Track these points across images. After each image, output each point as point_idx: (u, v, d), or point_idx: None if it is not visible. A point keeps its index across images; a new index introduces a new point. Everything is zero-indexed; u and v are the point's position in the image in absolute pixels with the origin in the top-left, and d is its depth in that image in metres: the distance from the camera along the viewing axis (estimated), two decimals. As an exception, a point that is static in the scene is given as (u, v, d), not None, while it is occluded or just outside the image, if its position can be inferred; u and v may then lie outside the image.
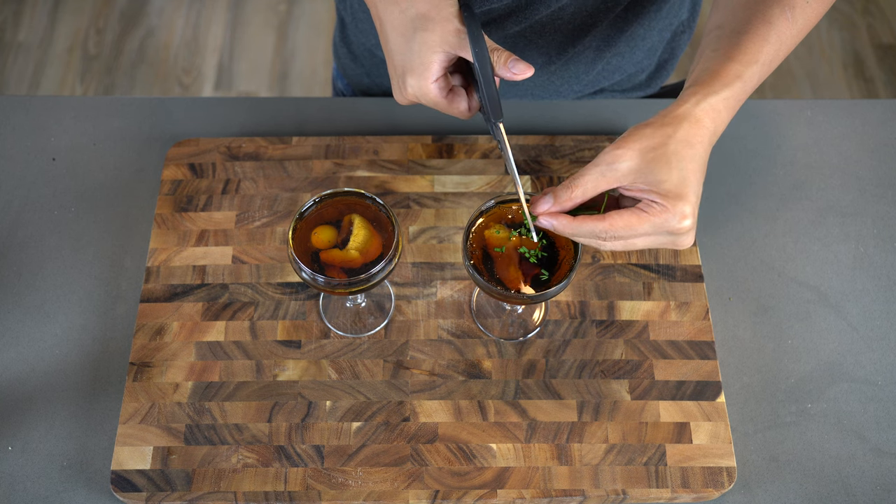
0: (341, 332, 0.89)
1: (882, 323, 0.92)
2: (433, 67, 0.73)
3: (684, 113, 0.71)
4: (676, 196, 0.69)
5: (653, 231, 0.70)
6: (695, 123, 0.71)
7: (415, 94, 0.75)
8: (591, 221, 0.70)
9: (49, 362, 0.88)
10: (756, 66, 0.75)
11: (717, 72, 0.74)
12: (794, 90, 2.26)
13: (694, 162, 0.70)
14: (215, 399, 0.85)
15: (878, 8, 2.41)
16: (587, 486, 0.81)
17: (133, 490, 0.80)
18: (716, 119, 0.72)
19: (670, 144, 0.70)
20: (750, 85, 0.75)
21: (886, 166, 1.02)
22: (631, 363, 0.87)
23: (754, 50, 0.75)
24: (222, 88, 2.28)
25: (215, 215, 0.95)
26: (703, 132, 0.71)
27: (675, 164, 0.69)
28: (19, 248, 0.95)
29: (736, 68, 0.74)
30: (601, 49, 1.04)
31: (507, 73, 0.72)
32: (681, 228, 0.69)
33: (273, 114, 1.05)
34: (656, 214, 0.69)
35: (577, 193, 0.71)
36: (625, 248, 0.71)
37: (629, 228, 0.69)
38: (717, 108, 0.73)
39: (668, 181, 0.68)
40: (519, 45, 1.02)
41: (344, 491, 0.81)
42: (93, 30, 2.37)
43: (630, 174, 0.69)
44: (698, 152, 0.70)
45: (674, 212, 0.68)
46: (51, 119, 1.04)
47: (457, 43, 0.72)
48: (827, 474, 0.84)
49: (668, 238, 0.71)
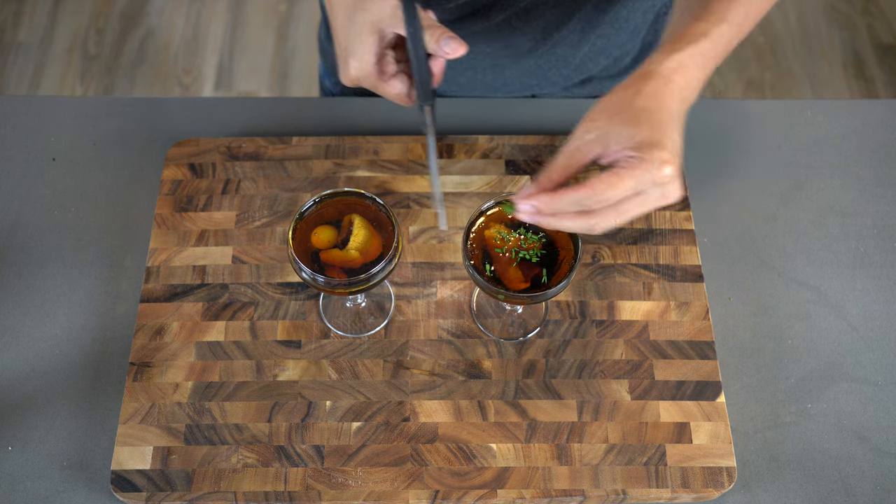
0: (341, 332, 0.89)
1: (882, 323, 0.92)
2: (370, 48, 0.72)
3: (649, 71, 0.70)
4: (651, 145, 0.66)
5: (637, 187, 0.66)
6: (660, 79, 0.70)
7: (356, 75, 0.74)
8: (571, 191, 0.66)
9: (49, 362, 0.88)
10: (725, 25, 0.74)
11: (683, 31, 0.74)
12: (794, 90, 2.26)
13: (663, 113, 0.68)
14: (215, 399, 0.85)
15: (878, 8, 2.41)
16: (587, 486, 0.81)
17: (133, 490, 0.80)
18: (684, 74, 0.71)
19: (636, 101, 0.68)
20: (720, 43, 0.74)
21: (886, 166, 1.02)
22: (631, 363, 0.87)
23: (722, 9, 0.74)
24: (222, 88, 2.28)
25: (215, 215, 0.95)
26: (671, 86, 0.70)
27: (644, 118, 0.67)
28: (19, 248, 0.95)
29: (702, 26, 0.73)
30: (585, 31, 1.04)
31: (439, 51, 0.71)
32: (664, 177, 0.66)
33: (273, 114, 1.05)
34: (635, 167, 0.65)
35: (555, 174, 0.69)
36: (617, 218, 0.67)
37: (612, 188, 0.65)
38: (683, 63, 0.71)
39: (639, 134, 0.66)
40: (504, 33, 1.02)
41: (344, 491, 0.81)
42: (93, 30, 2.37)
43: (603, 140, 0.67)
44: (666, 104, 0.69)
45: (651, 160, 0.65)
46: (51, 119, 1.04)
47: (391, 20, 0.71)
48: (827, 474, 0.84)
49: (656, 192, 0.67)
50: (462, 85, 1.12)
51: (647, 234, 0.95)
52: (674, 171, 0.66)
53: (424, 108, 0.73)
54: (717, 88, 2.27)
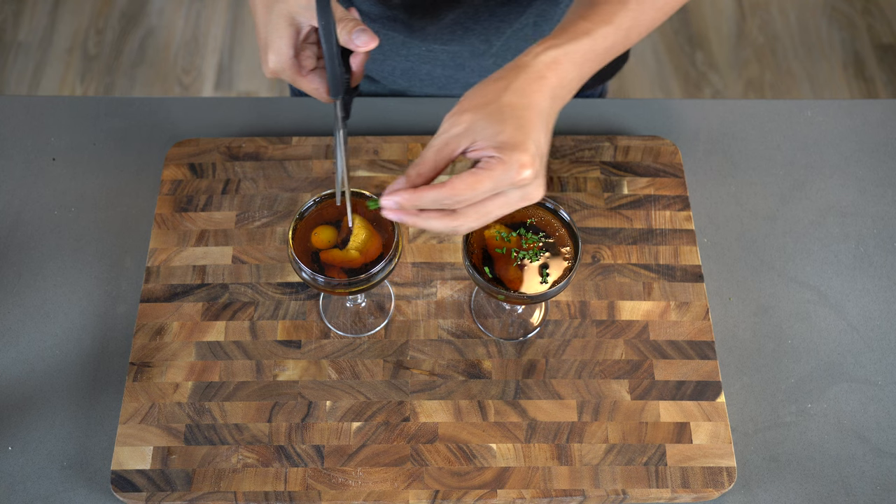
0: (341, 332, 0.89)
1: (882, 323, 0.92)
2: (287, 41, 0.72)
3: (523, 64, 0.69)
4: (512, 146, 0.64)
5: (496, 188, 0.65)
6: (532, 74, 0.69)
7: (274, 67, 0.74)
8: (432, 190, 0.65)
9: (49, 362, 0.88)
10: (609, 28, 0.73)
11: (565, 27, 0.73)
12: (794, 90, 2.26)
13: (530, 111, 0.67)
14: (215, 399, 0.85)
15: (878, 8, 2.41)
16: (587, 486, 0.81)
17: (133, 490, 0.80)
18: (557, 71, 0.70)
19: (504, 96, 0.67)
20: (602, 45, 0.73)
21: (886, 166, 1.02)
22: (631, 363, 0.87)
23: (608, 11, 0.74)
24: (222, 88, 2.28)
25: (215, 215, 0.95)
26: (542, 83, 0.69)
27: (509, 115, 0.66)
28: (19, 248, 0.95)
29: (585, 25, 0.72)
30: (539, 24, 1.03)
31: (351, 43, 0.71)
32: (522, 180, 0.65)
33: (273, 114, 1.05)
34: (493, 168, 0.64)
35: (424, 168, 0.67)
36: (480, 219, 0.67)
37: (471, 189, 0.64)
38: (557, 60, 0.70)
39: (502, 133, 0.65)
40: (457, 34, 1.02)
41: (344, 491, 0.81)
42: (93, 30, 2.37)
43: (470, 134, 0.66)
44: (535, 101, 0.68)
45: (510, 162, 0.64)
46: (51, 119, 1.04)
47: (306, 13, 0.71)
48: (827, 474, 0.84)
49: (517, 193, 0.66)
50: (422, 79, 1.11)
51: (647, 234, 0.95)
52: (533, 173, 0.65)
53: (336, 102, 0.72)
54: (717, 88, 2.27)
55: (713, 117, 1.06)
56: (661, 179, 0.98)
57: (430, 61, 1.08)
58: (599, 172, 0.98)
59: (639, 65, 2.32)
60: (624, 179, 0.98)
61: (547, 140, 0.68)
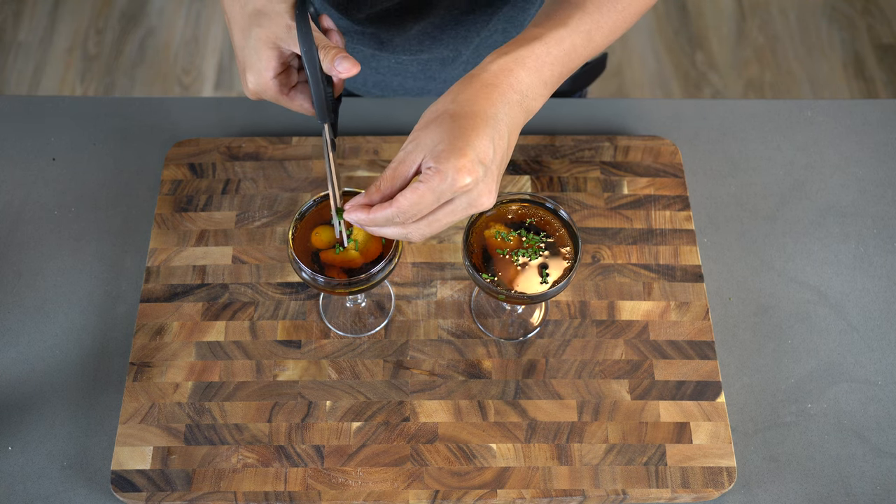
0: (341, 332, 0.89)
1: (882, 323, 0.92)
2: (268, 64, 0.73)
3: (472, 75, 0.70)
4: (448, 155, 0.64)
5: (439, 199, 0.65)
6: (479, 83, 0.69)
7: (255, 90, 0.75)
8: (381, 209, 0.66)
9: (49, 362, 0.88)
10: (564, 31, 0.73)
11: (521, 36, 0.73)
12: (794, 90, 2.26)
13: (474, 119, 0.66)
14: (215, 399, 0.85)
15: (878, 8, 2.41)
16: (587, 486, 0.81)
17: (133, 490, 0.80)
18: (508, 77, 0.69)
19: (449, 108, 0.67)
20: (558, 48, 0.72)
21: (886, 166, 1.02)
22: (631, 363, 0.87)
23: (565, 15, 0.74)
24: (222, 88, 2.28)
25: (215, 215, 0.95)
26: (490, 90, 0.68)
27: (449, 126, 0.66)
28: (19, 248, 0.95)
29: (537, 31, 0.73)
30: (508, 31, 1.03)
31: (333, 70, 0.71)
32: (463, 186, 0.64)
33: (273, 114, 1.05)
34: (430, 179, 0.64)
35: (383, 185, 0.67)
36: (431, 228, 0.67)
37: (415, 205, 0.65)
38: (507, 66, 0.70)
39: (440, 143, 0.65)
40: (425, 44, 1.02)
41: (344, 491, 0.81)
42: (93, 30, 2.37)
43: (419, 149, 0.66)
44: (480, 109, 0.67)
45: (445, 171, 0.64)
46: (51, 119, 1.04)
47: (287, 39, 0.72)
48: (827, 474, 0.84)
49: (463, 200, 0.66)
50: (395, 90, 1.12)
51: (647, 234, 0.95)
52: (474, 179, 0.65)
53: (324, 126, 0.73)
54: (717, 88, 2.27)
55: (713, 117, 1.06)
56: (660, 179, 0.98)
57: (401, 73, 1.08)
58: (599, 172, 0.99)
59: (639, 65, 2.32)
60: (624, 179, 0.98)
61: (499, 146, 0.67)
